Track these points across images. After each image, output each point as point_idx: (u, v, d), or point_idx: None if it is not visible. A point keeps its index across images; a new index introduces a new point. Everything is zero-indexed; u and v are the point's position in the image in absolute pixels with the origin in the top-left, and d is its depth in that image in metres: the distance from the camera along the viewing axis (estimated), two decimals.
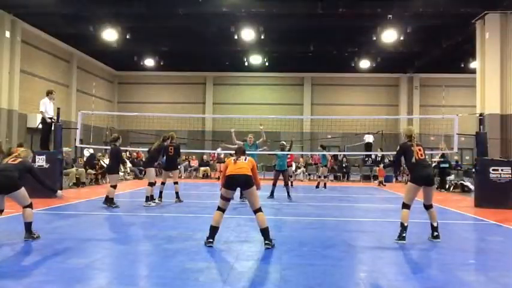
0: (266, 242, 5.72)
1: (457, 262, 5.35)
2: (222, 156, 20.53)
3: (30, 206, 6.13)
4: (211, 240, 5.79)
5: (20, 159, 6.28)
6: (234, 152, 6.59)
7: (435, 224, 6.49)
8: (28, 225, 6.09)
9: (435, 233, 6.47)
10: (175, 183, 10.99)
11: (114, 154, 10.23)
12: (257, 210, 5.79)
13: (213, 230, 5.83)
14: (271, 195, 12.12)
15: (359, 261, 5.49)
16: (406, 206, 6.37)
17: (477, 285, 4.51)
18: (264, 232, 5.76)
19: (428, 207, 6.54)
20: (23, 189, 6.04)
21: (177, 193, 10.98)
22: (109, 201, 9.71)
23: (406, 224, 6.28)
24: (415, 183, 6.34)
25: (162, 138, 10.77)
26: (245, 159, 6.07)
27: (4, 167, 6.20)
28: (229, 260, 5.17)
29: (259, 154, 12.40)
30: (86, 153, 18.36)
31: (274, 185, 12.41)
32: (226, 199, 5.90)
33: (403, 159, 6.68)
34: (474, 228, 8.51)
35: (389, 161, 18.28)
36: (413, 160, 6.32)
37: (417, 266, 5.16)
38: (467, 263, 5.40)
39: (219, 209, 5.89)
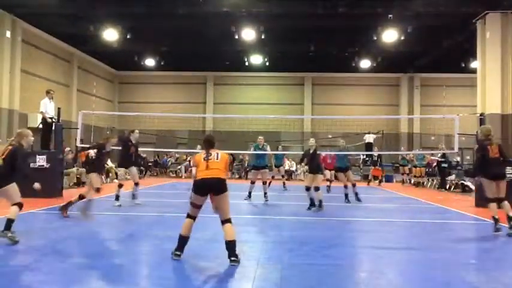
0: (232, 258, 4.82)
1: (458, 262, 5.35)
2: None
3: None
4: (178, 253, 5.01)
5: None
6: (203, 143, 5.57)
7: (510, 214, 6.91)
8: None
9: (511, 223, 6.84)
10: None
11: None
12: (226, 221, 4.98)
13: (182, 240, 5.02)
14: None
15: (359, 261, 5.48)
16: (491, 200, 7.04)
17: (478, 285, 4.50)
18: (230, 245, 4.86)
19: (501, 200, 7.02)
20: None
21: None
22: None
23: (497, 217, 6.90)
24: (488, 179, 7.06)
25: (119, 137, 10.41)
26: (217, 157, 5.14)
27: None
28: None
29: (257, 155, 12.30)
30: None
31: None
32: (197, 206, 5.08)
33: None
34: (475, 228, 8.49)
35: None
36: (488, 158, 7.02)
37: (417, 266, 5.15)
38: (468, 263, 5.39)
39: (189, 216, 5.08)
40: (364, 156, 22.54)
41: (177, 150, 23.80)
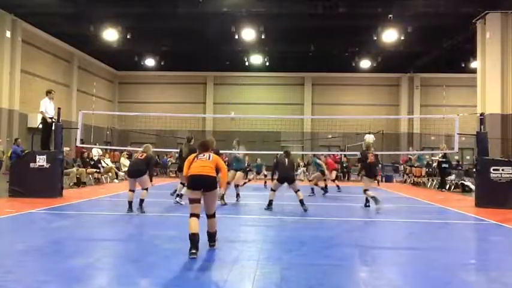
0: (211, 243, 5.64)
1: (458, 262, 5.34)
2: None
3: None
4: (193, 251, 5.09)
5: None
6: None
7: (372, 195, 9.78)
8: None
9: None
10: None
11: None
12: (211, 216, 5.53)
13: (192, 237, 5.15)
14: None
15: (359, 261, 5.48)
16: (367, 190, 9.97)
17: (478, 285, 4.50)
18: (211, 235, 5.65)
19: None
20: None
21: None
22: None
23: (371, 198, 9.82)
24: (369, 177, 10.16)
25: (187, 140, 10.74)
26: (209, 158, 5.61)
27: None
28: (230, 260, 5.16)
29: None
30: (95, 152, 18.33)
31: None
32: (195, 201, 5.38)
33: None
34: (475, 228, 8.49)
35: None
36: (368, 163, 10.15)
37: (417, 266, 5.14)
38: (468, 263, 5.38)
39: (191, 215, 5.31)
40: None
41: (177, 150, 23.84)
